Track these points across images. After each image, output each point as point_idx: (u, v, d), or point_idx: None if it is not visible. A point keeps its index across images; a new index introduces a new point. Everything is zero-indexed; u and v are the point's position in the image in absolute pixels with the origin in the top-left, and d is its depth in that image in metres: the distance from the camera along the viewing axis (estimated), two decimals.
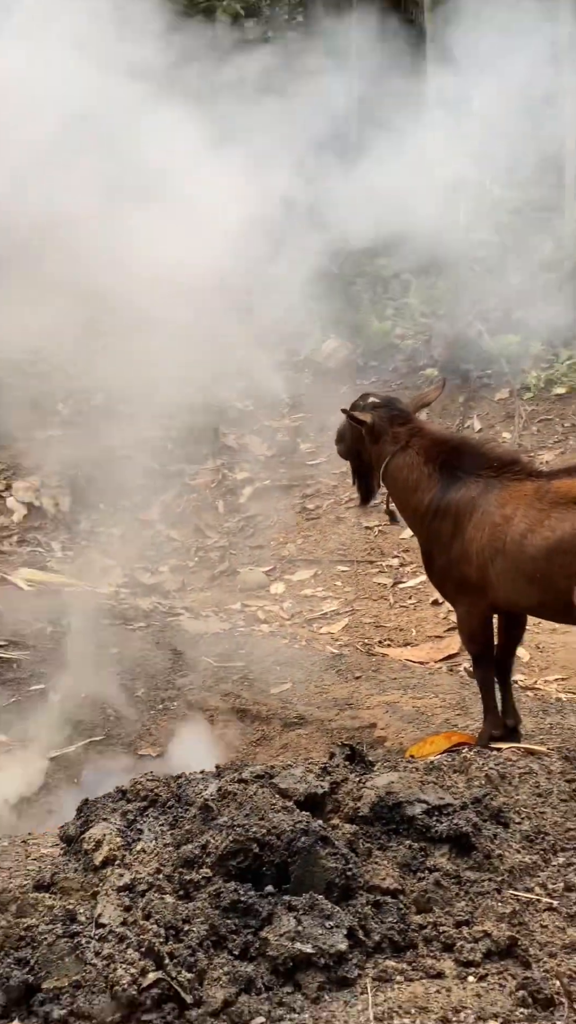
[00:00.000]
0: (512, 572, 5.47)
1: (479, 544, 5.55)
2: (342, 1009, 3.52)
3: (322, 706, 7.09)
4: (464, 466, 5.74)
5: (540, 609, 5.66)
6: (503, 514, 5.48)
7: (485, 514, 5.55)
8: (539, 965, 3.69)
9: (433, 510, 5.76)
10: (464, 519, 5.63)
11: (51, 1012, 3.50)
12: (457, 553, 5.66)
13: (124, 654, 7.87)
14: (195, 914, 3.70)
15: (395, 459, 5.88)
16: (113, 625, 8.25)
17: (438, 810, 4.18)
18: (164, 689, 7.55)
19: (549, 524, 5.32)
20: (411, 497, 5.87)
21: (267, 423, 11.72)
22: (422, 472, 5.81)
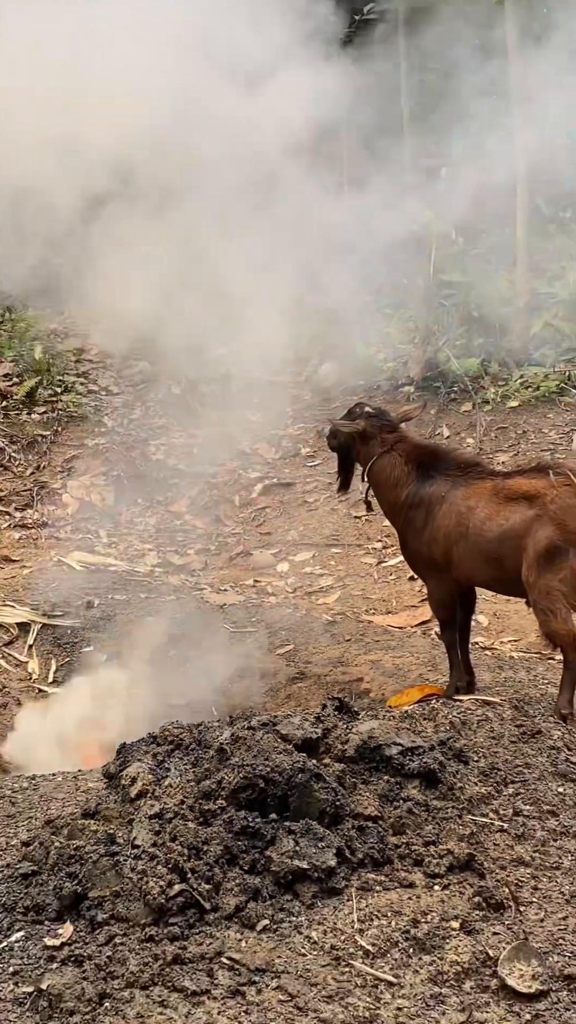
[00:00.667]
0: (472, 553, 5.49)
1: (446, 530, 5.58)
2: (332, 913, 3.54)
3: (319, 664, 7.08)
4: (436, 467, 5.76)
5: (492, 584, 5.71)
6: (467, 505, 5.51)
7: (452, 505, 5.58)
8: (492, 876, 3.71)
9: (410, 502, 5.78)
10: (435, 509, 5.65)
11: (96, 916, 3.53)
12: (428, 537, 5.69)
13: (157, 621, 7.87)
14: (212, 837, 3.71)
15: (380, 459, 5.91)
16: (149, 598, 8.24)
17: (411, 751, 4.18)
18: (190, 649, 7.54)
19: (503, 515, 5.35)
20: (392, 491, 5.89)
21: (274, 431, 11.71)
22: (403, 471, 5.83)
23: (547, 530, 5.14)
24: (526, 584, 5.26)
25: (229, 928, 3.47)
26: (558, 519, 5.14)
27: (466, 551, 5.51)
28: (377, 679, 6.64)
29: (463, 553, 5.53)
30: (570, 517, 5.13)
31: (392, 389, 11.87)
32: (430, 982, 3.27)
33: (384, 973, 3.29)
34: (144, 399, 11.95)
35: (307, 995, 3.20)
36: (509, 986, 3.24)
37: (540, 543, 5.15)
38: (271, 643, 7.51)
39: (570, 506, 5.15)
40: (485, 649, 7.02)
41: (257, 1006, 3.16)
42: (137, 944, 3.38)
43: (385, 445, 5.91)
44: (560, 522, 5.13)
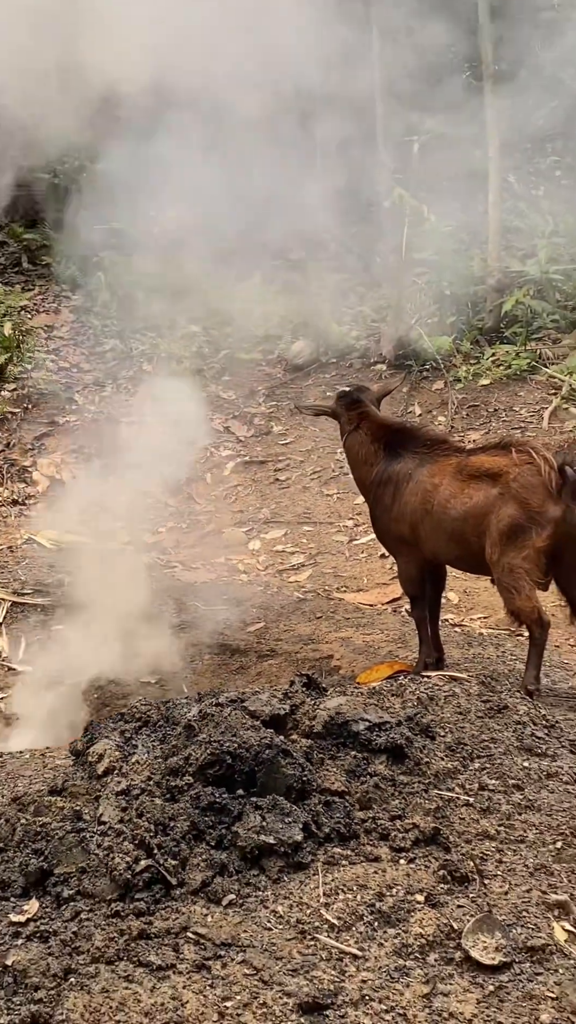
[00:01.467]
0: (436, 530, 5.51)
1: (412, 507, 5.60)
2: (298, 887, 3.55)
3: (289, 641, 7.08)
4: (404, 444, 5.78)
5: (457, 562, 5.72)
6: (432, 483, 5.53)
7: (418, 483, 5.60)
8: (457, 850, 3.73)
9: (378, 479, 5.80)
10: (402, 487, 5.67)
11: (62, 892, 3.53)
12: (396, 514, 5.71)
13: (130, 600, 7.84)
14: (179, 813, 3.71)
15: (350, 437, 5.97)
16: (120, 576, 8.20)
17: (378, 726, 4.19)
18: (162, 627, 7.52)
19: (466, 493, 5.37)
20: (361, 468, 5.93)
21: (247, 409, 11.68)
22: (369, 449, 5.86)
23: (510, 508, 5.15)
24: (489, 562, 5.27)
25: (195, 903, 3.47)
26: (520, 497, 5.14)
27: (431, 529, 5.53)
28: (347, 656, 6.64)
29: (428, 531, 5.55)
30: (532, 495, 5.13)
31: (364, 367, 11.86)
32: (395, 955, 3.29)
33: (349, 946, 3.31)
34: (115, 377, 11.87)
35: (272, 968, 3.21)
36: (473, 958, 3.27)
37: (503, 521, 5.16)
38: (242, 621, 7.50)
39: (532, 484, 5.14)
40: (455, 626, 7.06)
41: (222, 980, 3.17)
42: (103, 920, 3.38)
43: (352, 423, 5.96)
44: (523, 500, 5.13)
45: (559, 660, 6.27)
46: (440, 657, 5.88)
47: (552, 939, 3.36)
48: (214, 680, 6.93)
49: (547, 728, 4.52)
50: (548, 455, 5.22)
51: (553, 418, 10.32)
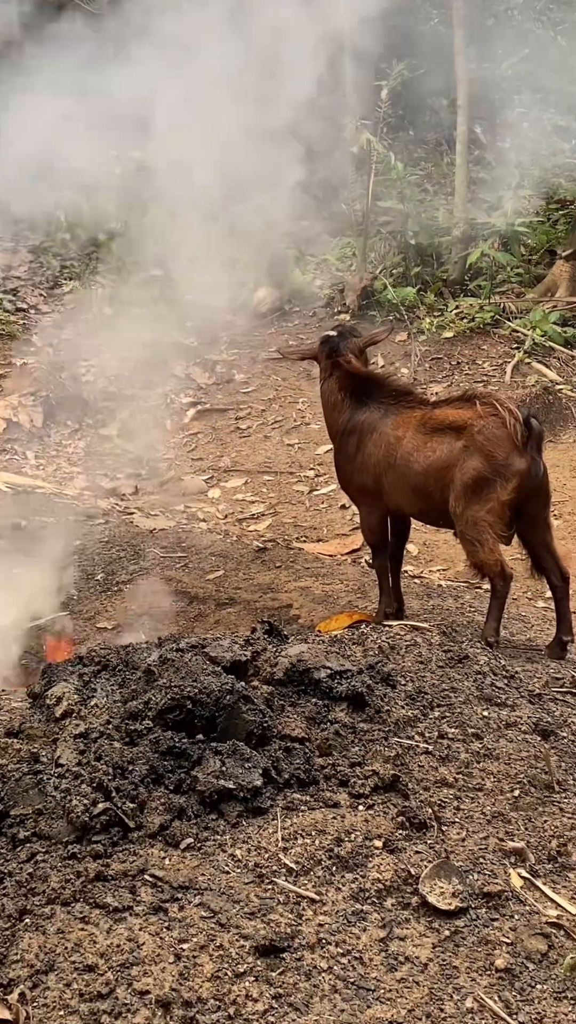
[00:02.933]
0: (399, 483, 5.49)
1: (376, 458, 5.57)
2: (256, 832, 3.55)
3: (249, 590, 7.06)
4: (370, 394, 5.74)
5: (421, 515, 5.69)
6: (395, 435, 5.50)
7: (382, 435, 5.57)
8: (416, 797, 3.75)
9: (344, 428, 5.77)
10: (366, 437, 5.64)
11: (17, 833, 3.49)
12: (359, 464, 5.68)
13: (86, 545, 7.78)
14: (138, 757, 3.69)
15: (324, 384, 5.95)
16: (77, 521, 8.13)
17: (339, 674, 4.19)
18: (119, 574, 7.48)
19: (430, 446, 5.33)
20: (330, 415, 5.92)
21: (208, 356, 11.56)
22: (338, 397, 5.82)
23: (474, 461, 5.11)
24: (453, 515, 5.24)
25: (153, 846, 3.46)
26: (485, 450, 5.10)
27: (394, 482, 5.51)
28: (306, 605, 6.64)
29: (391, 483, 5.53)
30: (497, 448, 5.09)
31: (328, 317, 11.78)
32: (352, 899, 3.31)
33: (307, 890, 3.32)
34: (75, 319, 11.68)
35: (229, 912, 3.21)
36: (429, 903, 3.28)
37: (467, 474, 5.12)
38: (201, 568, 7.46)
39: (497, 436, 5.11)
40: (414, 577, 7.07)
41: (179, 922, 3.16)
42: (59, 861, 3.36)
43: (325, 371, 5.92)
44: (487, 453, 5.10)
45: (517, 612, 6.31)
46: (400, 608, 5.89)
47: (508, 885, 3.39)
48: (172, 627, 6.89)
49: (507, 678, 4.54)
50: (513, 407, 5.19)
51: (516, 372, 10.32)
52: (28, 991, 2.88)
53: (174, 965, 3.00)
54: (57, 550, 7.61)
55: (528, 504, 5.18)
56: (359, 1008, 2.94)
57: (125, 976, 2.96)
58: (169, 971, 2.98)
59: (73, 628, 6.86)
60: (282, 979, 3.01)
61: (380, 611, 5.87)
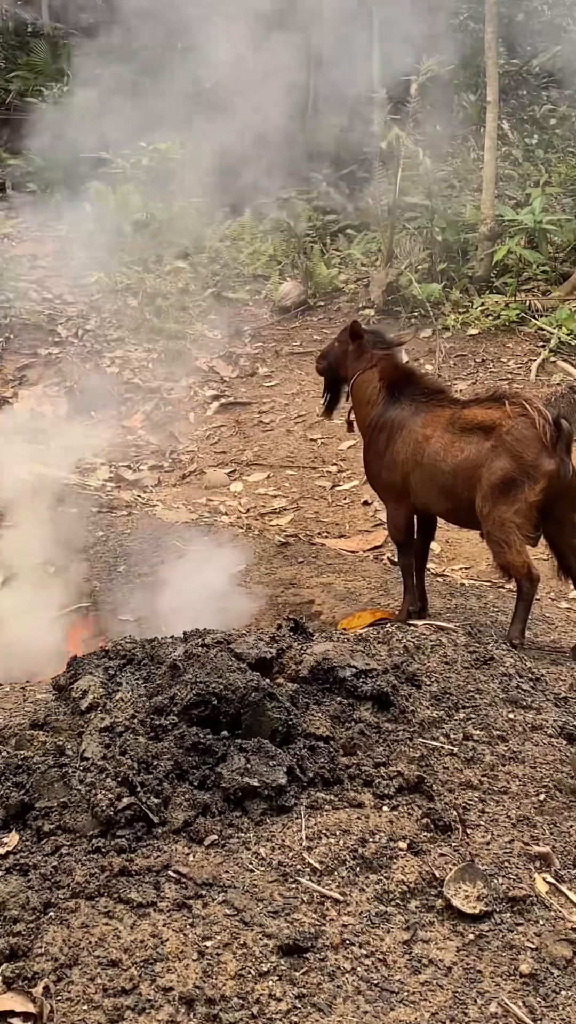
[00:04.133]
0: (427, 482, 5.45)
1: (403, 456, 5.54)
2: (280, 830, 3.54)
3: (270, 584, 7.04)
4: (404, 391, 5.71)
5: (447, 515, 5.64)
6: (424, 434, 5.47)
7: (411, 432, 5.54)
8: (440, 798, 3.73)
9: (375, 424, 5.74)
10: (395, 434, 5.61)
11: (42, 826, 3.49)
12: (387, 461, 5.65)
13: (109, 536, 7.78)
14: (163, 752, 3.68)
15: (363, 375, 5.86)
16: (101, 512, 8.14)
17: (364, 673, 4.17)
18: (140, 566, 7.48)
19: (458, 446, 5.30)
20: (363, 409, 5.86)
21: (232, 350, 11.54)
22: (375, 389, 5.78)
23: (502, 461, 5.08)
24: (480, 515, 5.21)
25: (177, 842, 3.45)
26: (513, 450, 5.07)
27: (422, 480, 5.47)
28: (328, 602, 6.62)
29: (419, 482, 5.50)
30: (525, 448, 5.06)
31: (353, 312, 11.73)
32: (376, 900, 3.29)
33: (331, 890, 3.30)
34: (100, 310, 11.69)
35: (253, 910, 3.20)
36: (454, 906, 3.27)
37: (495, 474, 5.09)
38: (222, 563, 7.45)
39: (526, 437, 5.07)
40: (437, 576, 7.03)
41: (203, 919, 3.15)
42: (84, 855, 3.36)
43: (372, 361, 5.86)
44: (515, 453, 5.07)
45: (540, 613, 6.27)
46: (423, 606, 5.87)
47: (533, 890, 3.37)
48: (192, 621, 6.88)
49: (532, 681, 4.52)
50: (543, 408, 5.16)
51: (540, 371, 10.26)
52: (52, 985, 2.88)
53: (198, 962, 3.00)
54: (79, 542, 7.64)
55: (556, 505, 5.14)
56: (382, 1010, 2.93)
57: (149, 972, 2.95)
58: (193, 968, 2.97)
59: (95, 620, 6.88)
60: (305, 979, 3.00)
61: (404, 609, 5.85)
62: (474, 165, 13.90)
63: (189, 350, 11.28)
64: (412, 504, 5.64)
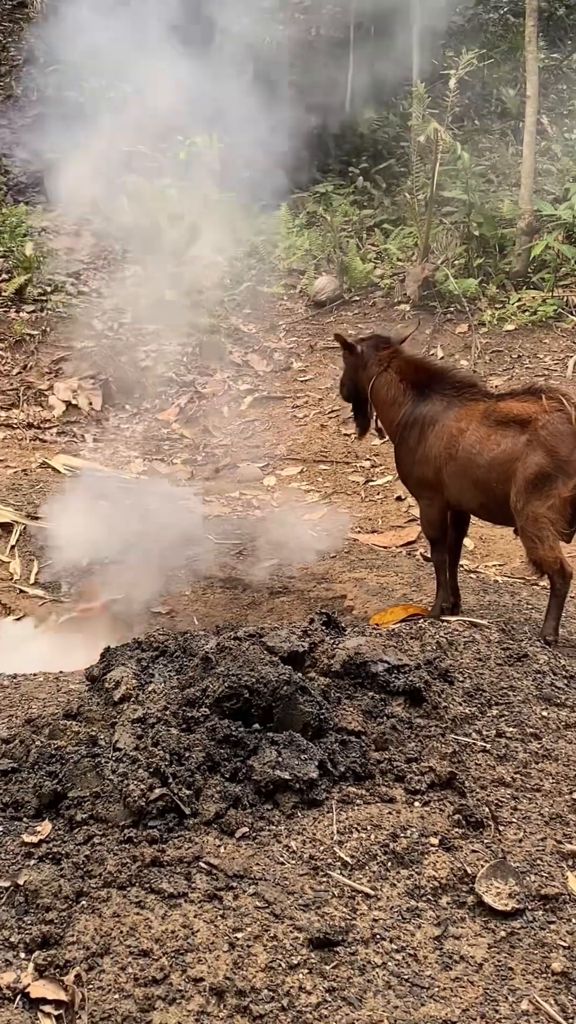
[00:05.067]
0: (460, 476, 5.39)
1: (437, 451, 5.48)
2: (311, 824, 3.54)
3: (302, 579, 7.05)
4: (432, 386, 5.65)
5: (481, 510, 5.55)
6: (458, 427, 5.39)
7: (444, 427, 5.47)
8: (472, 795, 3.72)
9: (405, 421, 5.67)
10: (428, 429, 5.54)
11: (75, 815, 3.51)
12: (420, 456, 5.58)
13: (143, 529, 7.81)
14: (194, 744, 3.69)
15: (379, 379, 5.82)
16: (133, 505, 8.16)
17: (397, 668, 4.16)
18: (174, 559, 7.50)
19: (493, 439, 5.22)
20: (389, 410, 5.80)
21: (267, 344, 11.54)
22: (398, 388, 5.73)
23: (537, 456, 5.01)
24: (514, 510, 5.14)
25: (208, 834, 3.46)
26: (549, 445, 5.00)
27: (455, 474, 5.41)
28: (361, 597, 6.61)
29: (452, 476, 5.43)
30: (561, 443, 4.98)
31: (388, 307, 11.71)
32: (407, 896, 3.29)
33: (361, 885, 3.30)
34: (135, 304, 11.72)
35: (284, 903, 3.21)
36: (485, 903, 3.26)
37: (529, 469, 5.02)
38: (255, 556, 7.46)
39: (562, 432, 4.99)
40: (470, 572, 7.00)
41: (234, 911, 3.16)
42: (115, 845, 3.37)
43: (382, 363, 5.83)
44: (551, 448, 4.99)
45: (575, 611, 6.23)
46: (456, 602, 5.83)
47: (566, 888, 3.35)
48: (225, 614, 6.90)
49: (567, 678, 4.49)
50: None
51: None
52: (84, 973, 2.90)
53: (228, 954, 3.01)
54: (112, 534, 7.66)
55: None
56: (413, 1005, 2.92)
57: (180, 962, 2.97)
58: (223, 959, 2.98)
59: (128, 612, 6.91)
60: (336, 972, 3.00)
61: (437, 605, 5.80)
62: (512, 160, 13.82)
63: (224, 344, 11.29)
64: (445, 500, 5.59)
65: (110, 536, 7.37)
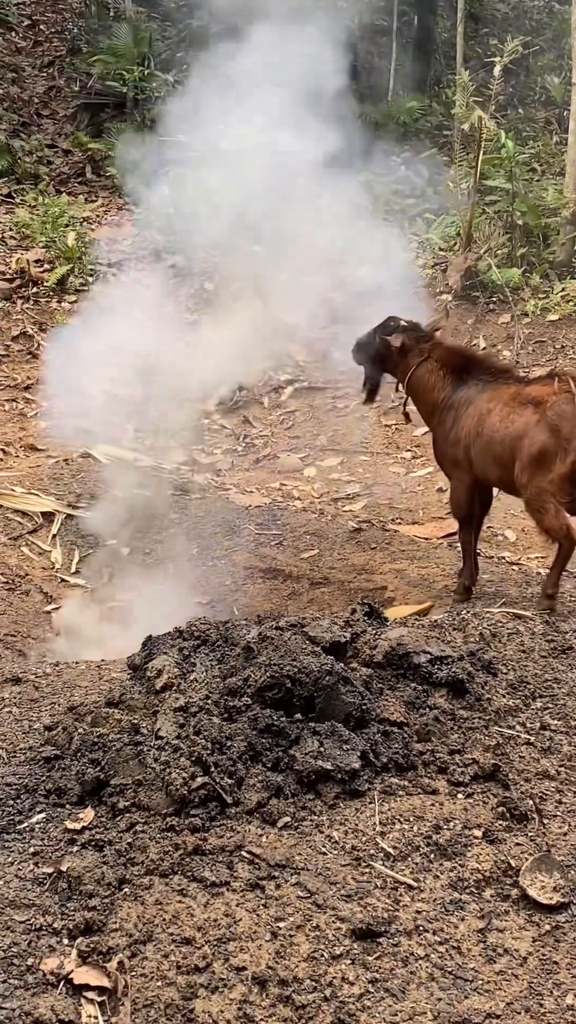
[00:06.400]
0: (484, 451, 5.68)
1: (467, 430, 5.77)
2: (353, 815, 3.53)
3: (343, 570, 7.04)
4: (471, 372, 5.95)
5: (499, 483, 5.84)
6: (487, 407, 5.69)
7: (475, 407, 5.77)
8: (516, 788, 3.69)
9: (445, 405, 5.96)
10: (461, 411, 5.84)
11: (117, 803, 3.52)
12: (453, 438, 5.88)
13: (182, 519, 7.83)
14: (236, 733, 3.70)
15: (419, 368, 6.07)
16: (174, 495, 8.18)
17: (439, 660, 4.14)
18: (214, 549, 7.51)
19: (512, 417, 5.52)
20: (430, 395, 6.06)
21: (307, 334, 11.50)
22: (439, 375, 6.01)
23: (541, 433, 5.35)
24: (519, 485, 5.49)
25: (250, 823, 3.46)
26: (553, 423, 5.33)
27: (479, 449, 5.72)
28: (401, 588, 6.59)
29: (477, 451, 5.74)
30: (564, 422, 5.31)
31: (430, 297, 11.62)
32: (450, 888, 3.27)
33: (404, 876, 3.29)
34: (176, 294, 11.72)
35: (326, 893, 3.20)
36: (530, 896, 3.24)
37: (534, 445, 5.36)
38: (295, 547, 7.46)
39: (566, 412, 5.32)
40: (512, 564, 6.95)
41: (276, 900, 3.16)
42: (158, 833, 3.38)
43: (423, 354, 6.09)
44: (554, 426, 5.33)
45: None
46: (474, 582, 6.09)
47: None
48: (265, 604, 6.91)
49: None
50: None
51: None
52: (127, 960, 2.91)
53: (271, 943, 3.01)
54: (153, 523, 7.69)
55: None
56: (456, 998, 2.91)
57: (222, 951, 2.97)
58: (266, 949, 2.98)
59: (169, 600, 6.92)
60: (379, 964, 3.00)
61: (460, 584, 6.09)
62: (557, 148, 13.67)
63: (264, 334, 11.26)
64: (473, 476, 5.86)
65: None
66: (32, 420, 9.82)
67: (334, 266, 12.60)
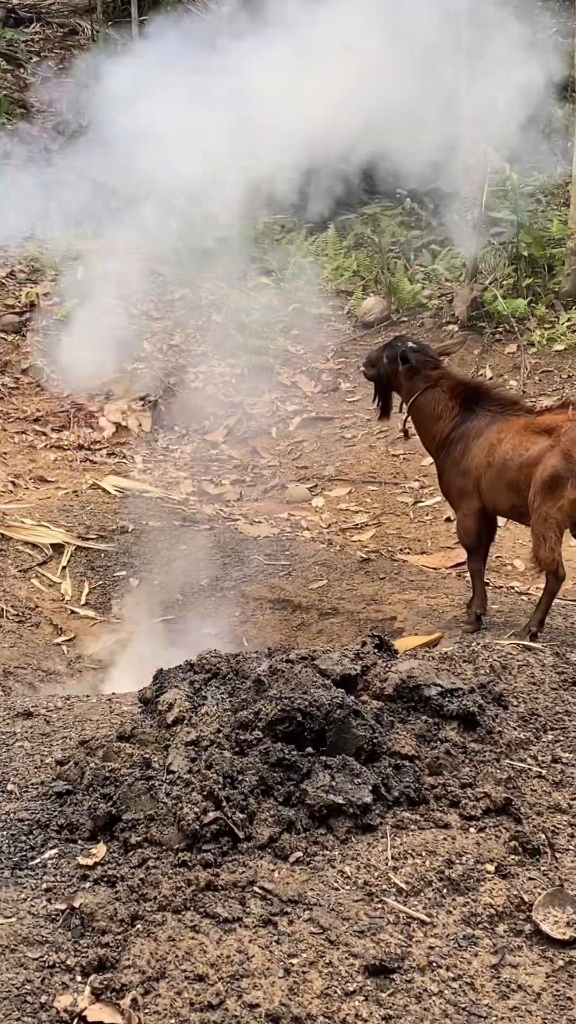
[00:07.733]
0: (495, 480, 5.75)
1: (478, 460, 5.85)
2: (366, 849, 3.53)
3: (352, 600, 7.04)
4: (479, 403, 6.02)
5: (512, 511, 5.89)
6: (498, 438, 5.77)
7: (486, 438, 5.84)
8: (529, 821, 3.69)
9: (451, 436, 6.03)
10: (472, 442, 5.91)
11: (129, 838, 3.53)
12: (463, 468, 5.95)
13: (191, 550, 7.85)
14: (248, 767, 3.70)
15: (424, 394, 6.14)
16: (183, 526, 8.21)
17: (450, 692, 4.15)
18: (223, 579, 7.53)
19: (525, 445, 5.61)
20: (435, 424, 6.13)
21: (315, 365, 11.56)
22: (446, 405, 6.08)
23: (554, 459, 5.41)
24: (530, 509, 5.53)
25: (262, 858, 3.46)
26: (566, 449, 5.39)
27: (490, 479, 5.79)
28: (411, 618, 6.59)
29: (489, 481, 5.81)
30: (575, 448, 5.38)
31: (436, 327, 11.68)
32: (463, 923, 3.26)
33: (417, 911, 3.29)
34: (184, 326, 11.80)
35: (339, 929, 3.20)
36: (543, 931, 3.23)
37: (546, 471, 5.42)
38: (304, 577, 7.47)
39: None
40: (522, 594, 6.95)
41: (288, 936, 3.16)
42: (170, 868, 3.38)
43: (429, 381, 6.16)
44: (567, 452, 5.39)
45: None
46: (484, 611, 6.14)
47: None
48: (275, 635, 6.91)
49: None
50: None
51: None
52: (140, 997, 2.91)
53: (284, 980, 3.00)
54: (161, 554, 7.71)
55: None
56: None
57: (235, 988, 2.96)
58: (279, 985, 2.97)
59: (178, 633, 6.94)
60: (392, 1000, 2.99)
61: (472, 612, 6.12)
62: (560, 179, 13.76)
63: (272, 365, 11.33)
64: (481, 506, 5.92)
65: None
66: (42, 452, 9.86)
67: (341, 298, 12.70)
